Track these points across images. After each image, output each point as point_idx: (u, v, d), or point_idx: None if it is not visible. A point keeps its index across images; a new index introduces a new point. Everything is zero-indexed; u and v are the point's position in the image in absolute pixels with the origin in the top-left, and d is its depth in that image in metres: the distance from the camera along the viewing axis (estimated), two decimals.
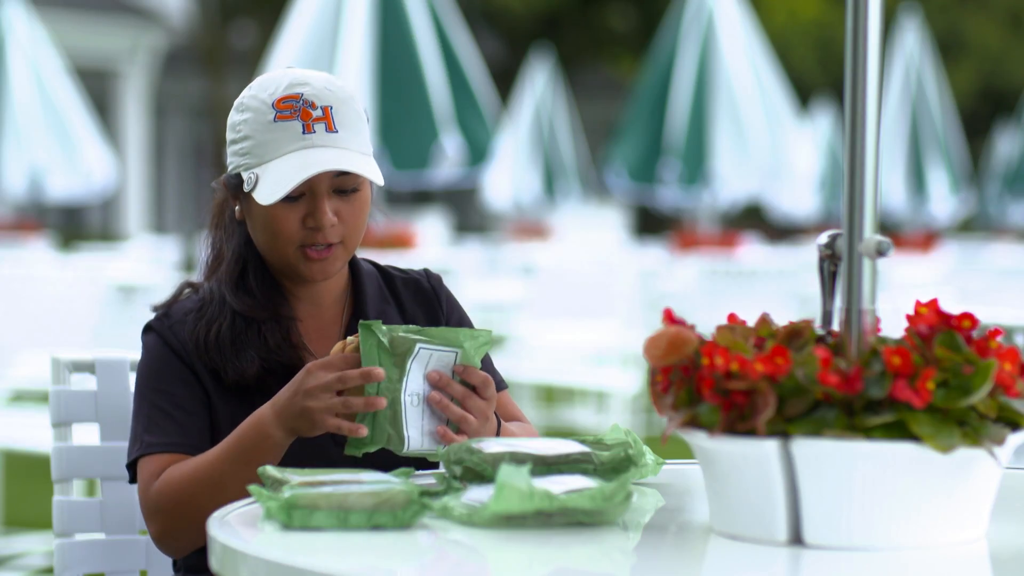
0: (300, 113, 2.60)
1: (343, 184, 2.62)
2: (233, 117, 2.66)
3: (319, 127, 2.59)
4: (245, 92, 2.66)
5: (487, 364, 2.72)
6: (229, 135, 2.65)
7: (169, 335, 2.63)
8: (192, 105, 31.25)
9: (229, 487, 2.47)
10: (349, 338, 2.50)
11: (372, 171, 2.62)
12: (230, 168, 2.65)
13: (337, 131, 2.61)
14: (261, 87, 2.64)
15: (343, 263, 2.66)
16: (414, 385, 2.47)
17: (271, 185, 2.57)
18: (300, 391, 2.44)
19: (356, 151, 2.61)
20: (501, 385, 2.76)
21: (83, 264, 12.01)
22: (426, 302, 2.79)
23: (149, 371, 2.63)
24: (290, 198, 2.59)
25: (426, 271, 2.84)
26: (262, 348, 2.61)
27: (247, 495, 2.41)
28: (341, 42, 9.18)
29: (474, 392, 2.49)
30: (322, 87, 2.62)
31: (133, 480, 2.61)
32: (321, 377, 2.43)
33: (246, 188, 2.60)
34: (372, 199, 2.69)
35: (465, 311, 2.84)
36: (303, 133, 2.59)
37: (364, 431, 2.42)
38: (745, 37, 14.37)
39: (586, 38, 32.40)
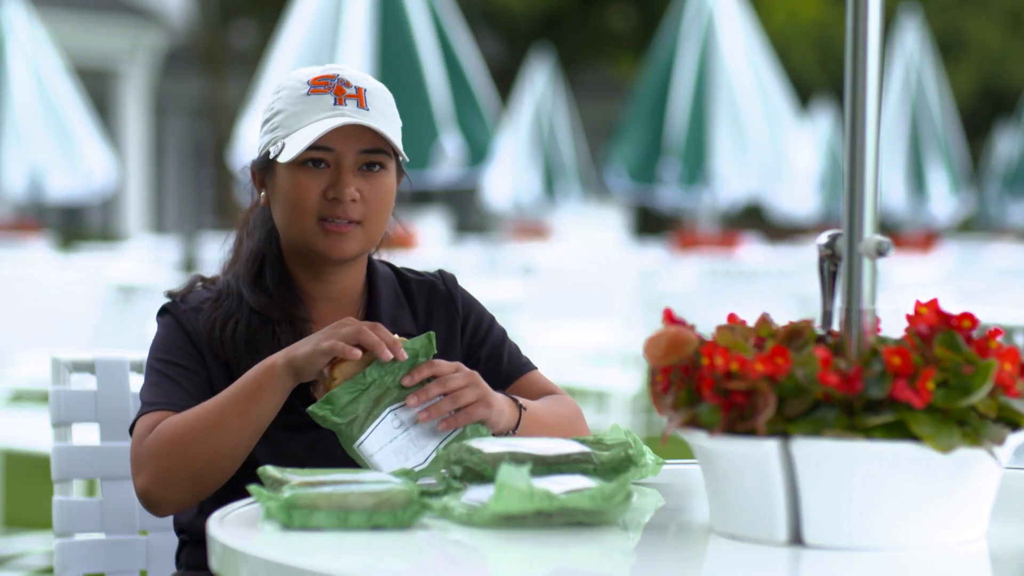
0: (334, 88, 2.63)
1: (369, 160, 2.63)
2: (267, 101, 2.69)
3: (351, 103, 2.62)
4: (282, 78, 2.70)
5: (510, 350, 2.77)
6: (262, 118, 2.68)
7: (184, 319, 2.63)
8: (192, 105, 31.26)
9: (226, 426, 2.46)
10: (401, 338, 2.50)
11: (399, 145, 2.63)
12: (259, 149, 2.68)
13: (368, 110, 2.63)
14: (299, 70, 2.69)
15: (362, 247, 2.65)
16: (406, 414, 2.47)
17: (296, 143, 2.59)
18: (329, 327, 2.47)
19: (386, 130, 2.63)
20: (528, 366, 2.78)
21: (83, 264, 12.00)
22: (442, 305, 2.78)
23: (160, 345, 2.63)
24: (314, 165, 2.61)
25: (440, 272, 2.84)
26: (275, 350, 2.60)
27: (241, 442, 2.43)
28: (341, 42, 9.17)
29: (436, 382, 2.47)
30: (359, 75, 2.67)
31: None
32: (351, 320, 2.46)
33: (272, 155, 2.61)
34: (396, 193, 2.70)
35: (483, 306, 2.84)
36: (334, 104, 2.62)
37: (358, 354, 2.42)
38: (745, 37, 14.37)
39: (586, 38, 32.40)
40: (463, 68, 9.70)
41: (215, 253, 2.78)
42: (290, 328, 2.65)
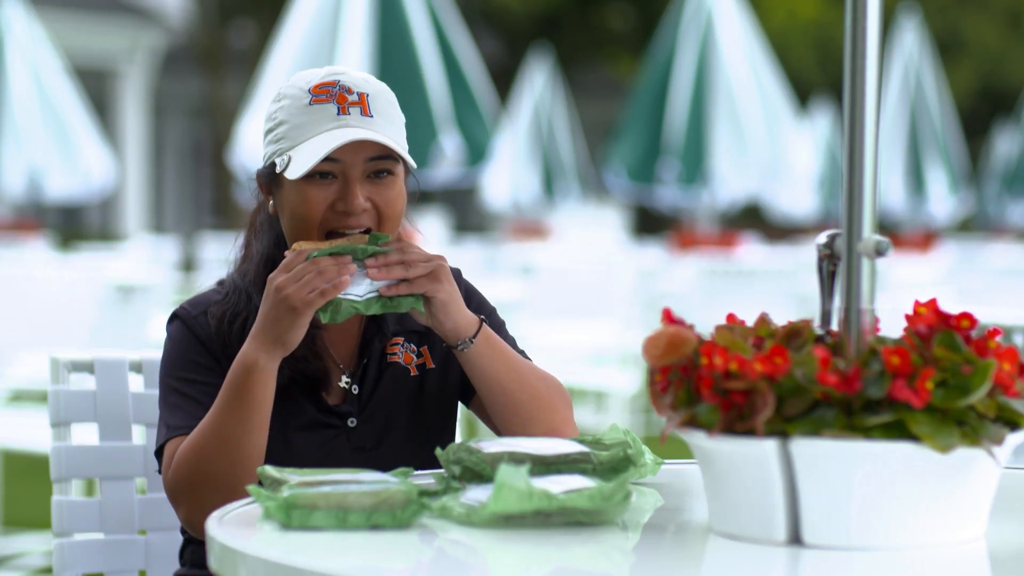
0: (336, 97, 2.60)
1: (376, 168, 2.61)
2: (270, 108, 2.66)
3: (354, 111, 2.60)
4: (283, 84, 2.68)
5: (506, 340, 2.74)
6: (265, 126, 2.66)
7: (194, 324, 2.63)
8: (191, 105, 31.25)
9: (233, 436, 2.46)
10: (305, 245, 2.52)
11: (405, 153, 2.63)
12: (264, 159, 2.66)
13: (372, 116, 2.61)
14: (299, 77, 2.66)
15: None
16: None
17: (303, 159, 2.57)
18: (270, 298, 2.47)
19: (390, 137, 2.61)
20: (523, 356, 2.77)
21: (82, 264, 11.99)
22: None
23: (174, 359, 2.62)
24: (321, 177, 2.59)
25: None
26: (288, 358, 2.60)
27: (253, 442, 2.43)
28: (340, 42, 9.16)
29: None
30: (360, 78, 2.65)
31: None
32: (285, 275, 2.47)
33: (278, 169, 2.60)
34: (408, 195, 2.69)
35: (484, 297, 2.84)
36: (338, 114, 2.59)
37: (347, 283, 2.47)
38: (744, 37, 14.37)
39: (585, 38, 32.41)
40: (462, 68, 9.70)
41: (215, 253, 2.79)
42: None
